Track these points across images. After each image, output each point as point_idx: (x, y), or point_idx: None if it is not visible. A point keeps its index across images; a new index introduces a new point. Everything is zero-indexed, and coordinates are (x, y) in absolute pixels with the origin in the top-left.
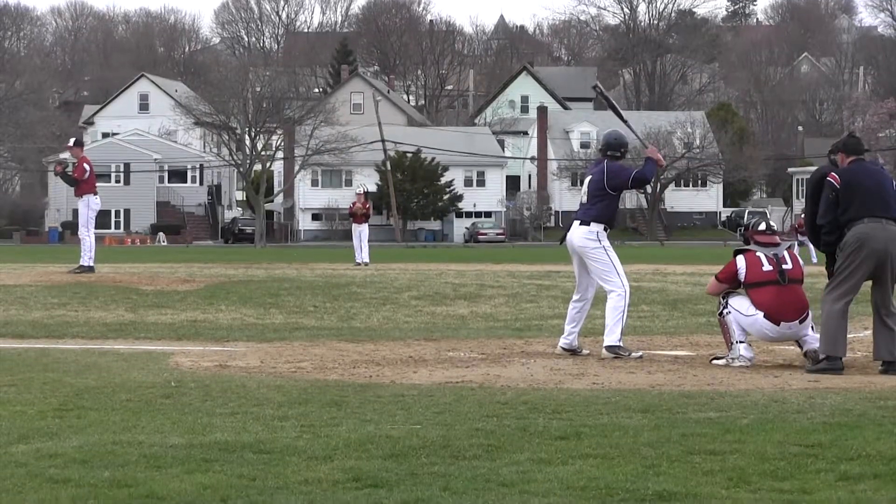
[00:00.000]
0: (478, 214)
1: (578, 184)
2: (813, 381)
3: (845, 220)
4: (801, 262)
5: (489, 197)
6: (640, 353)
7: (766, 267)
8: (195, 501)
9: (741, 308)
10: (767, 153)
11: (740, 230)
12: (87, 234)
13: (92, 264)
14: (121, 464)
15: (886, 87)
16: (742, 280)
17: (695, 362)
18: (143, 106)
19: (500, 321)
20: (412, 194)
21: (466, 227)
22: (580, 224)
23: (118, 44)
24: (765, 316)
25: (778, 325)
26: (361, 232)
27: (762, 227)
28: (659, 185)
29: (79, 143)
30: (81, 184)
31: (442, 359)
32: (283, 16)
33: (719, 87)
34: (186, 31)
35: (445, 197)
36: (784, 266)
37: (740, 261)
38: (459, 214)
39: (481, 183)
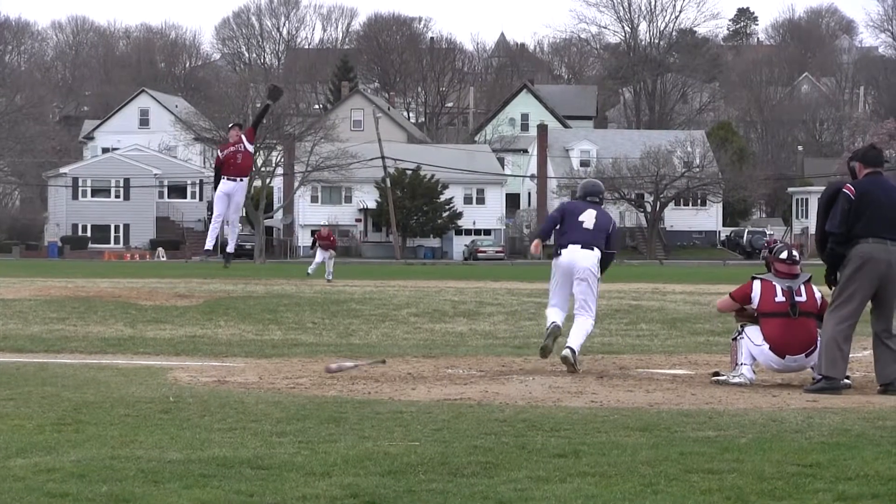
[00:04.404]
0: (477, 232)
1: None
2: (811, 400)
3: (852, 235)
4: (817, 295)
5: (489, 214)
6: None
7: (779, 298)
8: None
9: (753, 338)
10: (767, 173)
11: (763, 252)
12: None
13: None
14: (119, 478)
15: (887, 107)
16: (755, 307)
17: (693, 381)
18: (144, 121)
19: (498, 339)
20: (412, 211)
21: (466, 245)
22: (584, 248)
23: (119, 59)
24: (770, 348)
25: (783, 358)
26: (326, 255)
27: (784, 255)
28: (658, 203)
29: (237, 125)
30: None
31: (440, 376)
32: (284, 32)
33: (719, 106)
34: (187, 46)
35: (445, 214)
36: (797, 298)
37: (756, 285)
38: (459, 232)
39: (481, 200)
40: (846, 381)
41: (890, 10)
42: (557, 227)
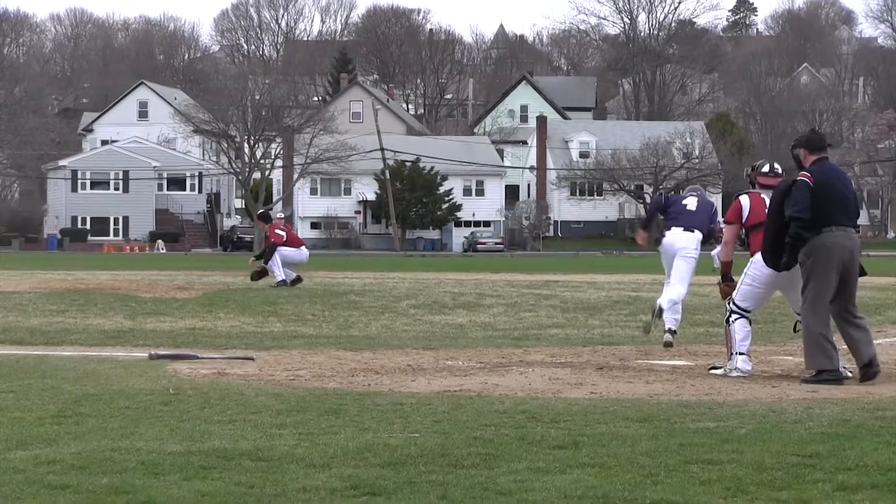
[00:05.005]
0: (477, 224)
1: (578, 193)
2: (811, 391)
3: (813, 224)
4: None
5: (488, 206)
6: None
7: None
8: None
9: (742, 279)
10: None
11: (746, 171)
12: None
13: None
14: (119, 470)
15: (886, 98)
16: (744, 222)
17: (693, 372)
18: (143, 113)
19: (498, 330)
20: (411, 203)
21: (465, 237)
22: (686, 231)
23: (117, 51)
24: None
25: None
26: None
27: (765, 168)
28: (658, 194)
29: (263, 217)
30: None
31: (440, 367)
32: (283, 24)
33: (719, 97)
34: (186, 38)
35: (444, 206)
36: None
37: (744, 199)
38: (458, 223)
39: (480, 192)
40: (847, 372)
41: (889, 1)
42: (661, 216)
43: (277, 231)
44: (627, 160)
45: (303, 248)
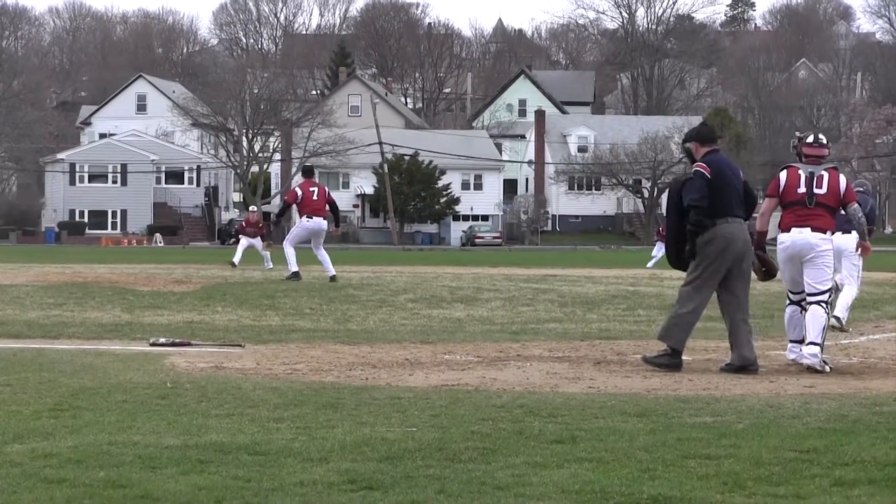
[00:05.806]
0: (475, 218)
1: (576, 187)
2: (809, 386)
3: (710, 213)
4: (841, 186)
5: (486, 200)
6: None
7: (801, 189)
8: (190, 502)
9: None
10: (764, 158)
11: (792, 143)
12: (288, 247)
13: (296, 270)
14: (116, 464)
15: (884, 93)
16: (779, 197)
17: (690, 367)
18: (141, 107)
19: (496, 324)
20: (409, 197)
21: (463, 231)
22: (844, 233)
23: (116, 44)
24: (782, 231)
25: (789, 231)
26: (254, 242)
27: (810, 139)
28: (656, 189)
29: (305, 172)
30: (299, 206)
31: (438, 362)
32: (282, 17)
33: (717, 92)
34: (184, 32)
35: (442, 200)
36: (816, 190)
37: (783, 173)
38: (456, 217)
39: (478, 186)
40: (826, 367)
41: None
42: None
43: (295, 189)
44: (626, 154)
45: (304, 219)
